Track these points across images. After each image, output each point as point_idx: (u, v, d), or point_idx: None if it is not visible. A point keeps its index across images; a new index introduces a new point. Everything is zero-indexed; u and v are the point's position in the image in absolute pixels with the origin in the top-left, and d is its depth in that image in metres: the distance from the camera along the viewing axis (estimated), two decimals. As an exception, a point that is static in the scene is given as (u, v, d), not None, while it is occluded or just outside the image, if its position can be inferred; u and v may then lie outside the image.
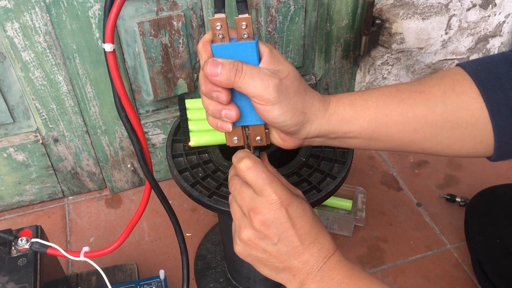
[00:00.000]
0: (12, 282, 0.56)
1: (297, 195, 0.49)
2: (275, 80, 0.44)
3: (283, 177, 0.51)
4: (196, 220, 0.96)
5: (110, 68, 0.47)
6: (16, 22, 0.75)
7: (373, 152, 1.12)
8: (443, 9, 1.03)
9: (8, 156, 0.91)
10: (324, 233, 0.49)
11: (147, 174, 0.52)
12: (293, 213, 0.47)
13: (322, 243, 0.48)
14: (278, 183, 0.47)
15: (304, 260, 0.47)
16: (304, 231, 0.47)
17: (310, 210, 0.49)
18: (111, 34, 0.45)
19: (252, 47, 0.45)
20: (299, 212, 0.47)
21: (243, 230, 0.49)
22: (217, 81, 0.45)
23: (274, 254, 0.48)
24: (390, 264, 0.89)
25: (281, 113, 0.46)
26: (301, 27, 0.92)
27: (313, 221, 0.48)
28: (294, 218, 0.47)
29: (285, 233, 0.47)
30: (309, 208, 0.49)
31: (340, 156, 0.63)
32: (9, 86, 0.84)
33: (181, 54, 0.87)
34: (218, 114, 0.47)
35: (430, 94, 0.50)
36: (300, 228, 0.47)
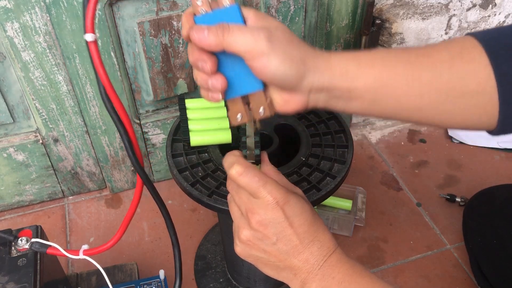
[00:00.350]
0: (12, 282, 0.56)
1: (295, 193, 0.49)
2: (264, 31, 0.43)
3: (282, 176, 0.51)
4: (196, 220, 0.96)
5: (92, 57, 0.46)
6: (16, 22, 0.75)
7: (373, 152, 1.12)
8: (443, 9, 1.03)
9: (8, 156, 0.91)
10: (324, 231, 0.49)
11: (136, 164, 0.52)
12: (290, 212, 0.47)
13: (322, 241, 0.48)
14: (272, 184, 0.47)
15: (304, 258, 0.47)
16: (302, 229, 0.47)
17: (308, 208, 0.49)
18: (92, 25, 0.45)
19: (235, 10, 0.43)
20: (296, 210, 0.47)
21: (242, 230, 0.49)
22: (206, 44, 0.43)
23: (274, 253, 0.48)
24: (390, 264, 0.89)
25: (279, 63, 0.43)
26: (301, 27, 0.92)
27: (312, 219, 0.48)
28: (291, 217, 0.47)
29: (283, 233, 0.47)
30: (308, 206, 0.49)
31: (340, 155, 0.63)
32: (9, 86, 0.84)
33: (181, 54, 0.87)
34: (205, 84, 0.46)
35: (437, 59, 0.48)
36: (298, 226, 0.47)
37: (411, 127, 1.18)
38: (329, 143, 0.65)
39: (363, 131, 1.17)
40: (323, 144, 0.64)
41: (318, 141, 0.65)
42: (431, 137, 1.15)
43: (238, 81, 0.45)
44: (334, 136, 0.66)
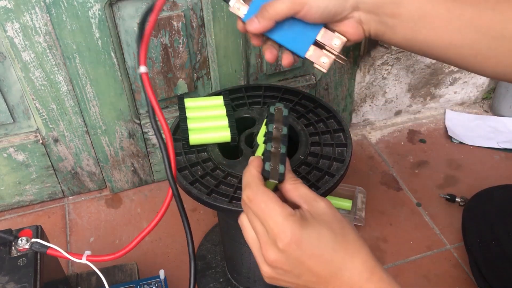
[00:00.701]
0: (12, 282, 0.56)
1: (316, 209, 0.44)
2: None
3: (304, 188, 0.46)
4: (196, 220, 0.97)
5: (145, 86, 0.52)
6: (16, 22, 0.75)
7: (373, 152, 1.12)
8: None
9: (8, 156, 0.91)
10: (355, 255, 0.43)
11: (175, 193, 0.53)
12: (305, 246, 0.42)
13: (350, 269, 0.42)
14: (283, 213, 0.42)
15: (337, 285, 0.43)
16: (321, 265, 0.42)
17: (327, 233, 0.43)
18: (145, 58, 0.51)
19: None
20: (313, 242, 0.42)
21: (261, 266, 0.45)
22: (263, 28, 0.53)
23: (302, 285, 0.44)
24: (390, 264, 0.89)
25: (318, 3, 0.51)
26: (300, 27, 0.92)
27: (333, 246, 0.42)
28: (307, 251, 0.42)
29: (302, 268, 0.43)
30: (327, 230, 0.43)
31: (339, 154, 0.64)
32: (9, 86, 0.84)
33: (181, 54, 0.87)
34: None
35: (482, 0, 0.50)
36: (316, 262, 0.42)
37: (411, 127, 1.18)
38: (328, 142, 0.65)
39: (363, 131, 1.17)
40: (322, 143, 0.65)
41: (317, 140, 0.65)
42: (431, 137, 1.15)
43: (303, 35, 0.54)
44: (333, 135, 0.66)
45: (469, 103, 1.25)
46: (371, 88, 1.11)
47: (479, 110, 1.23)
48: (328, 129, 0.66)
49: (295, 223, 0.42)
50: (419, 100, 1.19)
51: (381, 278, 0.43)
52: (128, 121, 0.92)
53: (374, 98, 1.14)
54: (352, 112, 1.15)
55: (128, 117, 0.91)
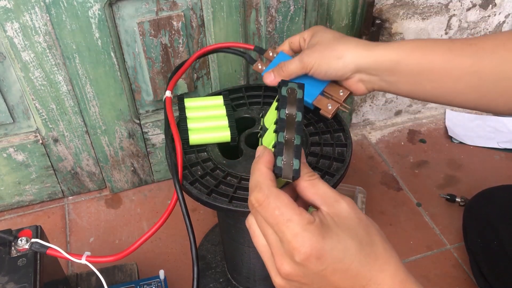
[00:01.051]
0: (12, 282, 0.55)
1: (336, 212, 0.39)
2: (304, 53, 0.60)
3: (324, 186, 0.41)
4: (196, 220, 0.96)
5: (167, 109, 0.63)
6: (16, 22, 0.75)
7: (373, 152, 1.12)
8: (443, 9, 1.03)
9: (8, 156, 0.91)
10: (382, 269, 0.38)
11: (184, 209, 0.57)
12: (328, 260, 0.37)
13: (378, 284, 0.38)
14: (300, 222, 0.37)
15: None
16: (346, 280, 0.38)
17: (353, 244, 0.38)
18: (173, 84, 0.65)
19: (281, 54, 0.67)
20: (336, 255, 0.37)
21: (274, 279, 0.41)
22: (276, 82, 0.62)
23: None
24: (390, 264, 0.89)
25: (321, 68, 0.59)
26: (301, 27, 0.92)
27: (360, 258, 0.38)
28: (330, 265, 0.37)
29: (323, 284, 0.38)
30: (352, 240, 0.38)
31: (339, 154, 0.63)
32: (9, 86, 0.84)
33: (181, 54, 0.87)
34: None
35: (480, 47, 0.51)
36: (340, 278, 0.37)
37: (411, 127, 1.18)
38: (328, 142, 0.65)
39: (363, 131, 1.17)
40: (322, 143, 0.64)
41: (317, 140, 0.65)
42: (431, 137, 1.15)
43: (313, 86, 0.63)
44: (333, 135, 0.66)
45: (469, 103, 1.25)
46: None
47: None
48: (328, 129, 0.66)
49: (316, 233, 0.37)
50: (419, 100, 1.19)
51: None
52: (128, 121, 0.92)
53: (374, 98, 1.14)
54: (352, 112, 1.15)
55: (128, 117, 0.91)
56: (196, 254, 0.56)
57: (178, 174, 0.58)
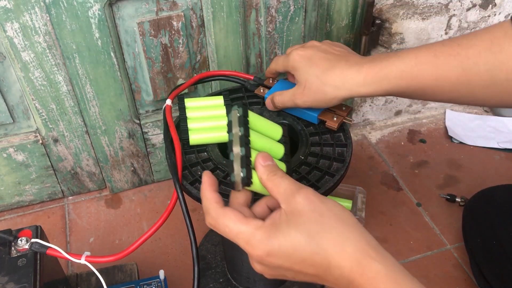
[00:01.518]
0: (12, 282, 0.55)
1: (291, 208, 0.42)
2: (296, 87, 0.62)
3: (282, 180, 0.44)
4: (196, 220, 0.96)
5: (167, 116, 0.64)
6: (16, 22, 0.75)
7: (373, 152, 1.12)
8: (443, 9, 1.03)
9: (7, 156, 0.91)
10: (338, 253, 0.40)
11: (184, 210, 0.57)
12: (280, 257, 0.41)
13: (339, 267, 0.40)
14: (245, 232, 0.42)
15: (331, 282, 0.41)
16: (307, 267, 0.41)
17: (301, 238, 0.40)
18: (175, 95, 0.69)
19: (281, 81, 0.71)
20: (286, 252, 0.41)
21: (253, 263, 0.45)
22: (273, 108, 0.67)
23: (296, 277, 0.43)
24: (390, 264, 0.89)
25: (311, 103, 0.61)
26: (301, 27, 0.92)
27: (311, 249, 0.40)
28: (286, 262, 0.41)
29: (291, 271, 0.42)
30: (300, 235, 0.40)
31: (339, 154, 0.63)
32: (9, 86, 0.84)
33: (181, 54, 0.87)
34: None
35: (465, 57, 0.51)
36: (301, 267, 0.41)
37: (411, 127, 1.18)
38: (328, 142, 0.65)
39: (363, 131, 1.17)
40: (322, 143, 0.64)
41: (317, 140, 0.65)
42: (431, 137, 1.15)
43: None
44: (333, 135, 0.66)
45: (469, 103, 1.25)
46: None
47: (479, 110, 1.23)
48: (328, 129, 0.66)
49: (263, 236, 0.41)
50: (419, 100, 1.19)
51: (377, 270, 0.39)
52: (128, 121, 0.92)
53: (374, 98, 1.14)
54: (352, 112, 1.15)
55: (128, 117, 0.91)
56: (197, 254, 0.56)
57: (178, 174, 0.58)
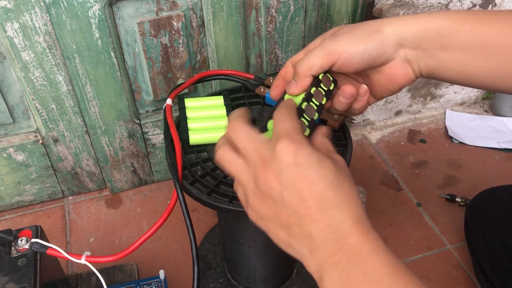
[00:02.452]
0: (12, 282, 0.55)
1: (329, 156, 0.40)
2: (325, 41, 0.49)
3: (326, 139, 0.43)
4: (196, 220, 0.96)
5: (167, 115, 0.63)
6: (16, 22, 0.75)
7: (373, 152, 1.12)
8: (443, 9, 1.03)
9: (8, 156, 0.91)
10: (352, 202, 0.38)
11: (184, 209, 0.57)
12: (303, 159, 0.37)
13: (346, 213, 0.37)
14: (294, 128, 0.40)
15: (321, 230, 0.37)
16: (319, 187, 0.37)
17: (331, 165, 0.38)
18: (175, 95, 0.67)
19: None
20: (310, 162, 0.38)
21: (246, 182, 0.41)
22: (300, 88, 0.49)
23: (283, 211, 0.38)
24: (390, 264, 0.89)
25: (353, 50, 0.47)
26: (301, 27, 0.92)
27: (332, 179, 0.38)
28: (304, 167, 0.37)
29: (291, 182, 0.37)
30: (331, 164, 0.38)
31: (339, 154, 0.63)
32: (9, 86, 0.84)
33: (181, 54, 0.87)
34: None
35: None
36: (309, 187, 0.37)
37: (411, 127, 1.18)
38: (328, 143, 0.65)
39: (363, 131, 1.17)
40: (322, 143, 0.64)
41: (317, 140, 0.65)
42: (431, 137, 1.15)
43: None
44: (333, 134, 0.66)
45: (469, 103, 1.25)
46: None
47: (479, 110, 1.23)
48: (328, 129, 0.66)
49: (306, 140, 0.39)
50: (419, 100, 1.19)
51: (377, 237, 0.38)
52: (128, 121, 0.92)
53: (374, 98, 1.14)
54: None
55: (128, 117, 0.91)
56: (197, 254, 0.56)
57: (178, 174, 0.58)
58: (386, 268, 0.36)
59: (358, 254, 0.36)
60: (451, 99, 1.22)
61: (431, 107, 1.21)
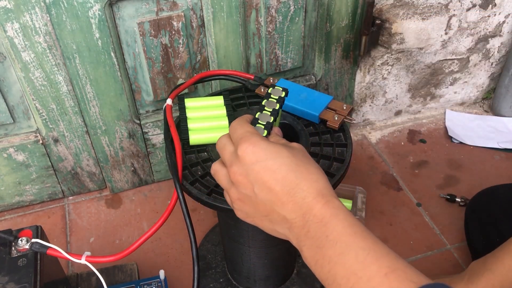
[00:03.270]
0: (12, 282, 0.55)
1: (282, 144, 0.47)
2: None
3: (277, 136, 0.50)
4: (196, 220, 0.96)
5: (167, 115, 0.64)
6: (16, 23, 0.75)
7: (373, 152, 1.12)
8: (443, 9, 1.03)
9: (8, 157, 0.91)
10: (310, 176, 0.44)
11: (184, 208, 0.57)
12: (260, 155, 0.44)
13: (305, 189, 0.43)
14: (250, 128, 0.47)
15: (290, 209, 0.43)
16: (275, 181, 0.43)
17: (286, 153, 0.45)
18: (175, 95, 0.67)
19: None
20: (267, 155, 0.44)
21: (229, 189, 0.48)
22: None
23: (260, 204, 0.45)
24: (390, 264, 0.89)
25: None
26: (301, 27, 0.93)
27: (289, 165, 0.44)
28: (261, 164, 0.44)
29: (258, 182, 0.44)
30: (286, 151, 0.45)
31: (339, 154, 0.63)
32: (9, 87, 0.84)
33: (181, 54, 0.87)
34: None
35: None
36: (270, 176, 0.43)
37: (411, 127, 1.18)
38: (328, 142, 0.65)
39: (363, 131, 1.17)
40: (322, 143, 0.64)
41: (317, 140, 0.65)
42: (431, 137, 1.15)
43: (318, 103, 0.67)
44: (333, 135, 0.66)
45: (469, 103, 1.25)
46: (371, 88, 1.11)
47: (479, 110, 1.23)
48: (328, 129, 0.66)
49: (260, 136, 0.46)
50: (419, 100, 1.19)
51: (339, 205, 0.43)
52: (128, 121, 0.92)
53: (374, 98, 1.14)
54: (353, 111, 1.15)
55: (128, 117, 0.91)
56: (197, 254, 0.56)
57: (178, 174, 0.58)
58: (345, 228, 0.41)
59: (320, 221, 0.42)
60: (451, 99, 1.22)
61: (431, 107, 1.21)
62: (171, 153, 0.60)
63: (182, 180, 0.60)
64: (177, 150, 0.60)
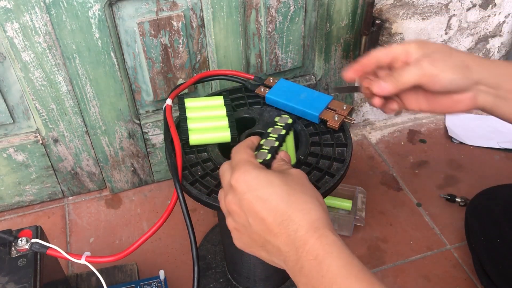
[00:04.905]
0: (12, 282, 0.55)
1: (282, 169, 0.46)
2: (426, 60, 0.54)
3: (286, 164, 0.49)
4: (196, 220, 0.96)
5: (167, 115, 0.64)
6: (16, 23, 0.75)
7: (373, 152, 1.12)
8: (443, 9, 1.03)
9: (8, 157, 0.91)
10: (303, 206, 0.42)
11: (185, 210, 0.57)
12: (251, 185, 0.43)
13: (297, 222, 0.41)
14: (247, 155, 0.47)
15: (284, 242, 0.42)
16: (267, 211, 0.42)
17: (279, 183, 0.43)
18: (175, 95, 0.68)
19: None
20: (259, 184, 0.43)
21: (226, 219, 0.47)
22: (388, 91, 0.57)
23: (254, 234, 0.44)
24: (390, 264, 0.89)
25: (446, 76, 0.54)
26: (301, 27, 0.93)
27: (282, 196, 0.42)
28: (252, 194, 0.43)
29: (250, 212, 0.43)
30: (280, 181, 0.43)
31: (339, 154, 0.63)
32: (9, 87, 0.84)
33: (181, 54, 0.87)
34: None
35: None
36: (262, 207, 0.42)
37: (411, 127, 1.18)
38: (328, 142, 0.65)
39: (363, 131, 1.17)
40: (322, 143, 0.64)
41: (317, 140, 0.65)
42: (431, 137, 1.15)
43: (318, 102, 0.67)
44: (333, 135, 0.66)
45: (469, 103, 1.25)
46: (371, 88, 1.11)
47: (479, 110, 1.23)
48: (328, 129, 0.66)
49: (253, 165, 0.45)
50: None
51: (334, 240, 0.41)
52: (128, 121, 0.92)
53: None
54: (352, 112, 1.15)
55: (128, 117, 0.91)
56: (197, 254, 0.56)
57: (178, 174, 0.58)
58: (340, 269, 0.40)
59: (315, 259, 0.40)
60: (451, 99, 1.21)
61: (431, 107, 1.21)
62: (171, 153, 0.60)
63: (182, 180, 0.60)
64: (177, 150, 0.60)
